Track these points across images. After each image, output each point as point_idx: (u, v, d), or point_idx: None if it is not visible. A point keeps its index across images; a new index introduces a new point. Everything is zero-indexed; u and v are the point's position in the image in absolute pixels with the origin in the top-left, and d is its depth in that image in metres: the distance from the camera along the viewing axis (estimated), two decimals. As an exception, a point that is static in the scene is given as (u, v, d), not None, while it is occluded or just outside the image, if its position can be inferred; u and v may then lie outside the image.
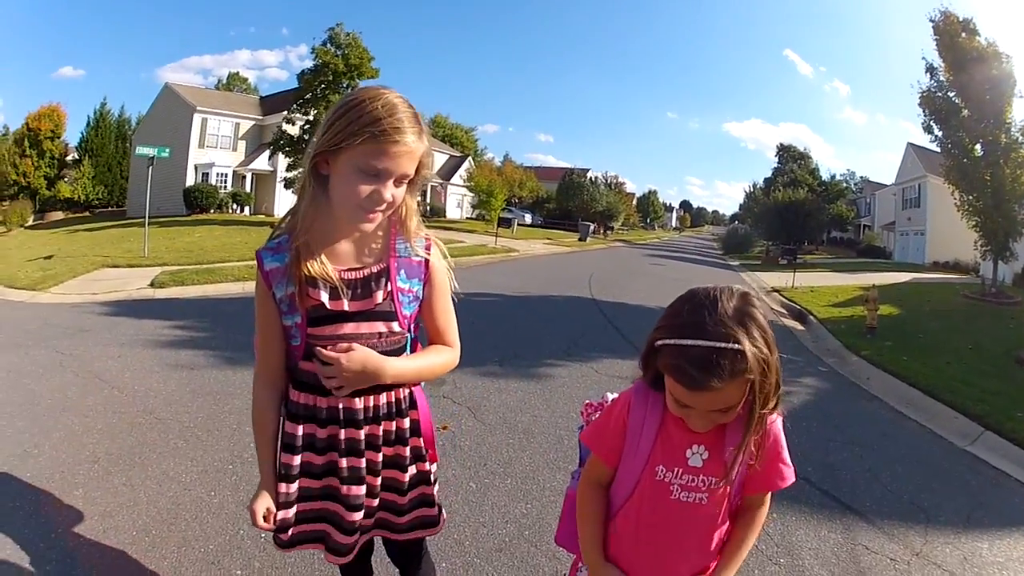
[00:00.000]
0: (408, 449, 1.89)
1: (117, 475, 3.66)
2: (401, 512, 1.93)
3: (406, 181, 1.67)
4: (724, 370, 1.26)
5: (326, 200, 1.68)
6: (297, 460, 1.80)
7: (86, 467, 3.75)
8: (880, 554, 3.50)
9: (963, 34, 16.78)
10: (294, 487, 1.82)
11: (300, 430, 1.79)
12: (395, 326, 1.77)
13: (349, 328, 1.71)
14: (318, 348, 1.66)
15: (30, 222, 39.04)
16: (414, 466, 1.91)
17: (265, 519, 1.78)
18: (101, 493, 3.43)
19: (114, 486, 3.52)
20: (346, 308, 1.70)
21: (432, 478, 1.96)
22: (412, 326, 1.84)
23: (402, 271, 1.78)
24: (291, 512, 1.84)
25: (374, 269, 1.75)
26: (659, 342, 1.37)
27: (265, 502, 1.79)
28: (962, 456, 5.41)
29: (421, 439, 1.92)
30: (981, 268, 20.82)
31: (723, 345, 1.27)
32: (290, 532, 1.86)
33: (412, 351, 1.86)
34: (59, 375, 5.62)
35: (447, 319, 1.91)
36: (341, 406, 1.76)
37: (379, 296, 1.73)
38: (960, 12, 17.24)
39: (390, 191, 1.61)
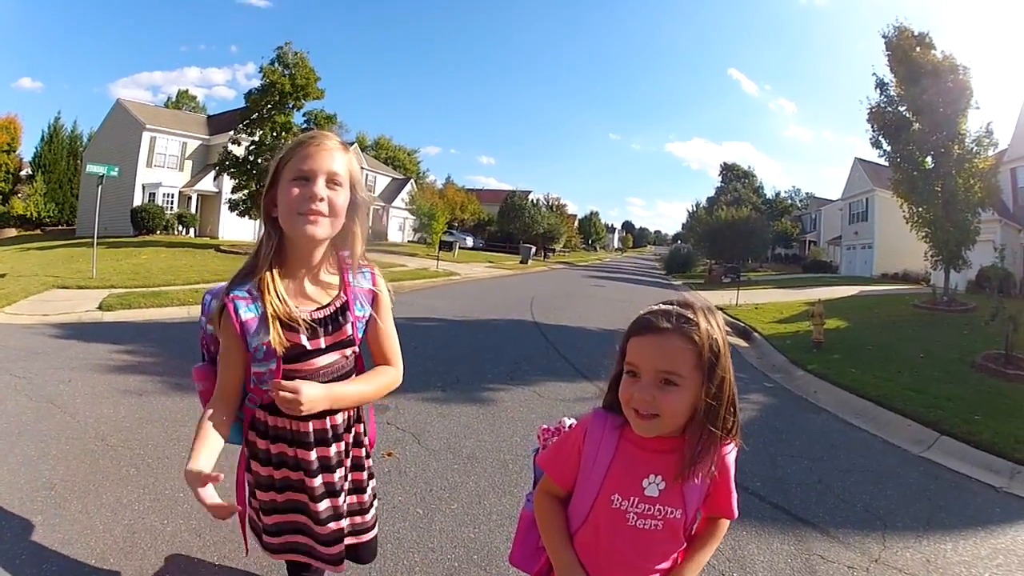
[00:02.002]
0: (363, 450, 2.17)
1: (73, 502, 3.69)
2: (366, 511, 2.20)
3: (339, 186, 1.83)
4: (673, 317, 1.46)
5: (283, 240, 1.87)
6: (274, 472, 1.99)
7: (43, 493, 3.78)
8: (837, 563, 3.55)
9: (918, 48, 17.15)
10: (278, 496, 2.01)
11: (270, 446, 1.97)
12: (356, 349, 2.01)
13: (324, 359, 1.91)
14: (279, 391, 1.76)
15: (-15, 237, 38.30)
16: (367, 461, 2.21)
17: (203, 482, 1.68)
18: (59, 520, 3.46)
19: (71, 513, 3.56)
20: (323, 345, 1.90)
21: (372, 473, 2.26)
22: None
23: (358, 301, 1.98)
24: (271, 520, 2.04)
25: (337, 304, 1.93)
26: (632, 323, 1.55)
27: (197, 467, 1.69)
28: (918, 463, 5.54)
29: (366, 438, 2.20)
30: (932, 277, 21.15)
31: (680, 309, 1.48)
32: (278, 539, 2.05)
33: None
34: (14, 399, 5.64)
35: (392, 342, 2.10)
36: (311, 427, 1.94)
37: (348, 329, 1.94)
38: (915, 27, 17.63)
39: (322, 190, 1.78)
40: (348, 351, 1.97)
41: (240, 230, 35.05)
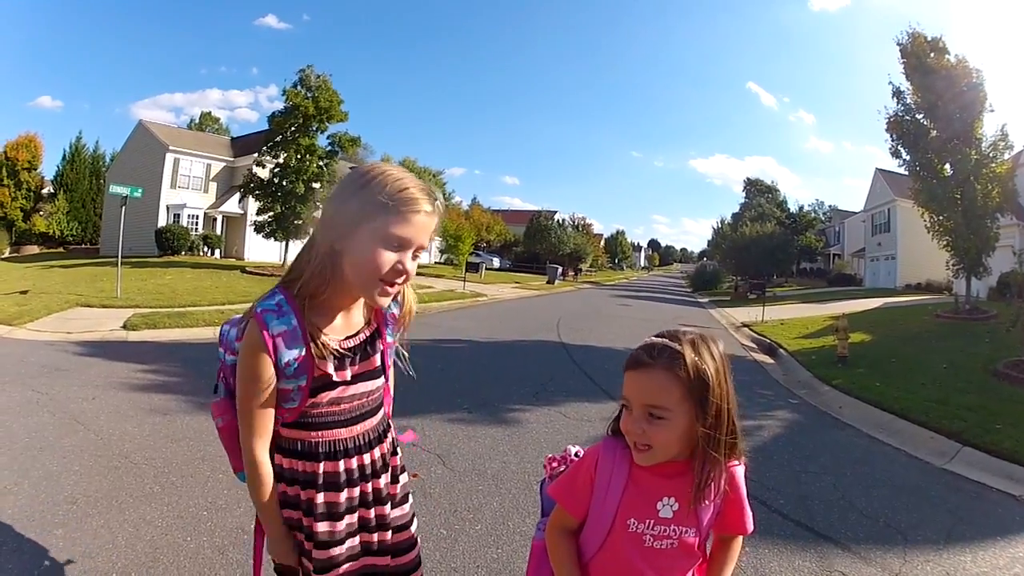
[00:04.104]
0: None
1: (95, 517, 3.74)
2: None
3: (421, 254, 1.70)
4: (656, 352, 1.49)
5: (335, 274, 1.67)
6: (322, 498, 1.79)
7: (65, 508, 3.84)
8: (858, 578, 3.55)
9: (932, 54, 17.03)
10: (341, 525, 1.80)
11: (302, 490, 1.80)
12: (383, 380, 1.89)
13: (351, 390, 1.76)
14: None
15: (6, 254, 38.84)
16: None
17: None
18: (81, 534, 3.51)
19: (93, 528, 3.60)
20: (348, 377, 1.74)
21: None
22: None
23: (388, 327, 1.89)
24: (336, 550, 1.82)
25: (368, 332, 1.81)
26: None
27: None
28: (940, 475, 5.50)
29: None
30: (954, 286, 20.91)
31: (666, 342, 1.50)
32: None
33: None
34: (36, 415, 5.74)
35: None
36: (355, 465, 1.82)
37: (377, 359, 1.83)
38: (928, 32, 17.54)
39: (410, 263, 1.64)
40: (378, 382, 1.86)
41: (266, 252, 35.02)
